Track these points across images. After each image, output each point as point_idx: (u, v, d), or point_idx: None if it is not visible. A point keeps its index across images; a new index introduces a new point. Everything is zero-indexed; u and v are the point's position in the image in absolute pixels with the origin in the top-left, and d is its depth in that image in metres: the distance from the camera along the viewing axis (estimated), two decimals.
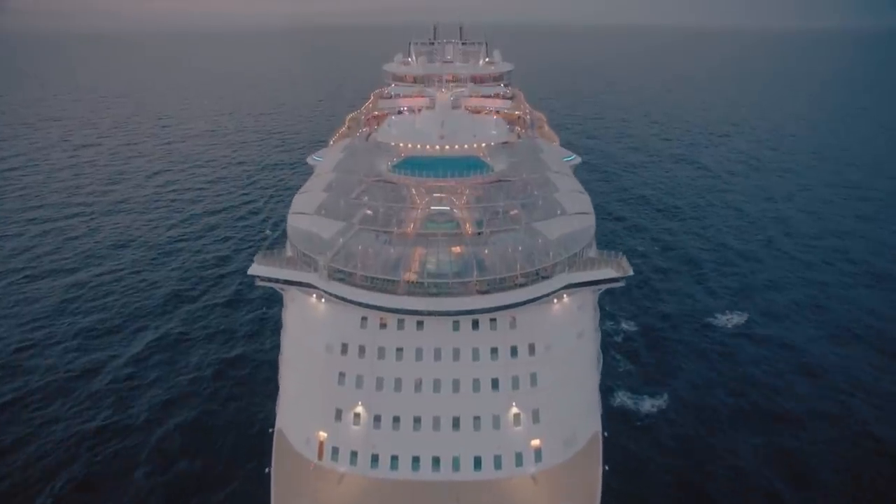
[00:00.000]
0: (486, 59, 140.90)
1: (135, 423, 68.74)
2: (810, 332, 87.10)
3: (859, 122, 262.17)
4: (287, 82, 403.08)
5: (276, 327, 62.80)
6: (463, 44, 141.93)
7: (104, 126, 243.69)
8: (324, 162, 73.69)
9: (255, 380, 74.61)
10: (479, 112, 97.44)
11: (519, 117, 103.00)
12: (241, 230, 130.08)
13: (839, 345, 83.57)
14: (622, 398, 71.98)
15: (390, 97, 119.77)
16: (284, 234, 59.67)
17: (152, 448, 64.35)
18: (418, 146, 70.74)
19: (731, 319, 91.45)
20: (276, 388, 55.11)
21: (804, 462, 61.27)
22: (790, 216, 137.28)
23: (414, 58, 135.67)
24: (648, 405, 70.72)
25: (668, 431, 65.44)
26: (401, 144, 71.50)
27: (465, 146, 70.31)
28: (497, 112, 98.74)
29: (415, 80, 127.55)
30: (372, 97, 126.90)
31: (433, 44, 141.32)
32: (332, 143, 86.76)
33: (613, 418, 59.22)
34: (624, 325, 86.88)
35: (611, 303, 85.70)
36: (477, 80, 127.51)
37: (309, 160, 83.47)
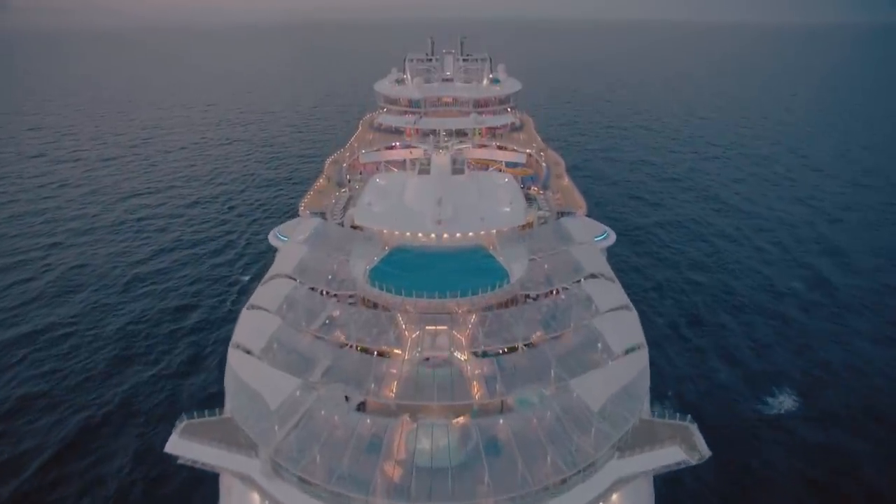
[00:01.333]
0: (491, 76, 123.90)
1: None
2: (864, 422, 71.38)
3: (879, 129, 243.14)
4: (280, 85, 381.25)
5: None
6: (464, 60, 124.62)
7: (84, 137, 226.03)
8: (287, 250, 56.07)
9: (202, 486, 58.82)
10: (486, 166, 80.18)
11: (530, 156, 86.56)
12: (212, 270, 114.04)
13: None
14: None
15: (380, 128, 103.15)
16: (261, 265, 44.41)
17: None
18: (407, 234, 53.55)
19: (783, 403, 75.94)
20: None
21: None
22: (827, 251, 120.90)
23: (409, 77, 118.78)
24: None
25: None
26: (385, 231, 54.28)
27: (471, 234, 53.08)
28: (503, 165, 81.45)
29: (410, 104, 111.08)
30: (360, 126, 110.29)
31: (430, 60, 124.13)
32: (303, 207, 69.51)
33: None
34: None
35: None
36: (480, 104, 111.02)
37: (271, 238, 66.00)
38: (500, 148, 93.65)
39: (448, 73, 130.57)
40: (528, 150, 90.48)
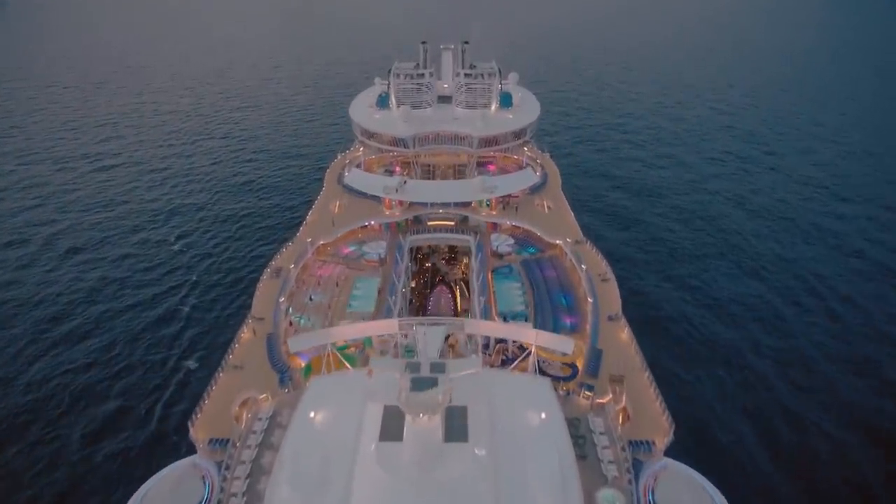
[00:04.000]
0: (500, 86, 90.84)
1: None
2: None
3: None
4: (262, 63, 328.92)
5: None
6: (467, 75, 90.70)
7: (37, 140, 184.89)
8: None
9: None
10: (502, 359, 45.57)
11: (559, 251, 54.94)
12: (140, 335, 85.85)
13: None
14: None
15: (351, 190, 70.99)
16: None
17: None
18: None
19: None
20: None
21: None
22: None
23: (394, 101, 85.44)
24: None
25: None
26: None
27: None
28: (533, 348, 45.38)
29: (394, 143, 78.65)
30: (325, 183, 77.93)
31: (422, 74, 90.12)
32: (193, 426, 37.80)
33: None
34: None
35: None
36: (488, 142, 78.73)
37: None
38: (514, 228, 62.29)
39: (446, 87, 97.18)
40: (557, 242, 59.43)
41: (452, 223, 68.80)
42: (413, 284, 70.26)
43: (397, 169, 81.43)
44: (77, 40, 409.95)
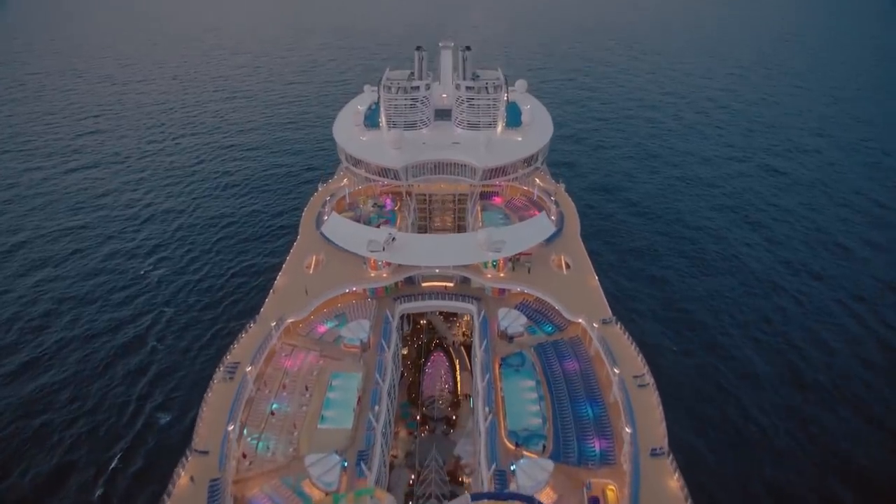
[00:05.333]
0: (506, 96, 77.16)
1: None
2: None
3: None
4: (255, 64, 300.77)
5: None
6: (468, 87, 76.57)
7: (9, 133, 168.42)
8: None
9: None
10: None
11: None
12: (103, 389, 76.31)
13: None
14: None
15: (332, 241, 58.38)
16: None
17: None
18: None
19: None
20: None
21: None
22: None
23: (384, 120, 71.80)
24: None
25: None
26: None
27: None
28: None
29: (383, 173, 65.77)
30: (301, 227, 64.69)
31: (417, 87, 75.92)
32: None
33: None
34: None
35: None
36: (494, 172, 65.95)
37: None
38: (524, 296, 49.84)
39: (444, 97, 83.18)
40: (579, 321, 46.81)
41: (451, 284, 57.00)
42: (405, 352, 58.36)
43: (388, 201, 68.78)
44: (66, 28, 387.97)
